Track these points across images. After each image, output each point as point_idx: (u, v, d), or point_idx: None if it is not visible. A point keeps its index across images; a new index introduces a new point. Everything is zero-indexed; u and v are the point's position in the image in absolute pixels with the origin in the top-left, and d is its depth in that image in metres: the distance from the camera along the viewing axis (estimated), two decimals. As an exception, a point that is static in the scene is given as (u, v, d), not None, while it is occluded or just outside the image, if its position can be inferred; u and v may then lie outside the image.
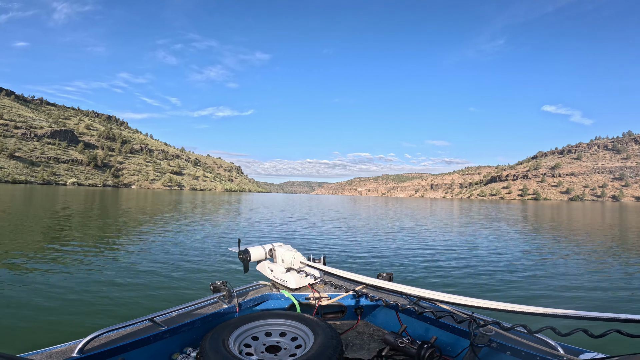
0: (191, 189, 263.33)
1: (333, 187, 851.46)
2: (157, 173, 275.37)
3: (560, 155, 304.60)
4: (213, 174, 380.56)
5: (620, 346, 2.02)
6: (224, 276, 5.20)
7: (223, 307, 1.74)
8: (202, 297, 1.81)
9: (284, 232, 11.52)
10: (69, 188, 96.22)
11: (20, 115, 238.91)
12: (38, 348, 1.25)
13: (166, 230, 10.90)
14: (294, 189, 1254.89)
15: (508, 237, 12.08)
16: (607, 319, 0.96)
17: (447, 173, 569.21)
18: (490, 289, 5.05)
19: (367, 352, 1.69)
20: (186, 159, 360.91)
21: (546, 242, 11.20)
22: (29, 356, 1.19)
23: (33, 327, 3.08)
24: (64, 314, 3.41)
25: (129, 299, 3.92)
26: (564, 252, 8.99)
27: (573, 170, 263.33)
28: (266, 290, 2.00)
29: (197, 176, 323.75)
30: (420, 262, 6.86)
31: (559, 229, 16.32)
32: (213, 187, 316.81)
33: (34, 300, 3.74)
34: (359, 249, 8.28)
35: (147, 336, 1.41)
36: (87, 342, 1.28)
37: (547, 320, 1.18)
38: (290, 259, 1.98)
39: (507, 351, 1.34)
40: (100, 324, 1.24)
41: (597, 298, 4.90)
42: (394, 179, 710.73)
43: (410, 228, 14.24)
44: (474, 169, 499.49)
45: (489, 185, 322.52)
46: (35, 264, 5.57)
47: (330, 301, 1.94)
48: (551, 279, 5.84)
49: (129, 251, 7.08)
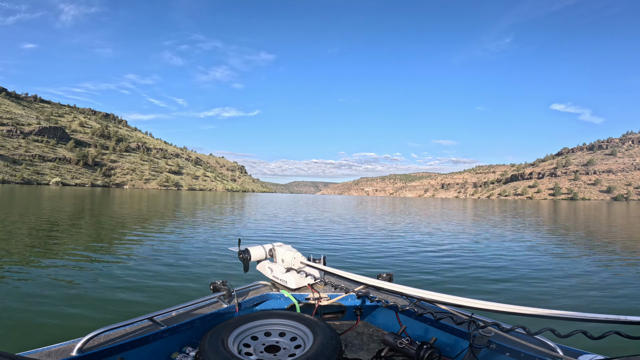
0: (189, 189, 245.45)
1: (339, 187, 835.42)
2: (153, 172, 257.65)
3: (590, 151, 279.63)
4: (215, 173, 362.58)
5: (619, 348, 2.02)
6: (224, 276, 5.17)
7: (223, 306, 1.74)
8: (202, 296, 1.79)
9: (284, 232, 11.32)
10: (52, 188, 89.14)
11: (8, 112, 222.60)
12: (37, 347, 1.25)
13: (166, 229, 10.79)
14: (300, 189, 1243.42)
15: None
16: (606, 321, 0.96)
17: (457, 172, 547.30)
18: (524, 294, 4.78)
19: (367, 352, 1.68)
20: (187, 157, 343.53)
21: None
22: (29, 355, 1.18)
23: (32, 326, 3.09)
24: (63, 313, 3.41)
25: (128, 298, 3.91)
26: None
27: (609, 167, 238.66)
28: (266, 290, 1.99)
29: (197, 175, 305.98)
30: (421, 263, 6.66)
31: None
32: (214, 187, 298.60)
33: (33, 300, 3.74)
34: (359, 249, 8.12)
35: (146, 335, 1.41)
36: (86, 341, 1.27)
37: (546, 322, 1.13)
38: (290, 259, 1.97)
39: (507, 352, 1.34)
40: (100, 323, 1.31)
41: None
42: (401, 178, 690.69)
43: (426, 232, 12.72)
44: (486, 168, 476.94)
45: (511, 184, 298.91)
46: (32, 265, 5.43)
47: (330, 301, 1.93)
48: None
49: (128, 250, 6.92)
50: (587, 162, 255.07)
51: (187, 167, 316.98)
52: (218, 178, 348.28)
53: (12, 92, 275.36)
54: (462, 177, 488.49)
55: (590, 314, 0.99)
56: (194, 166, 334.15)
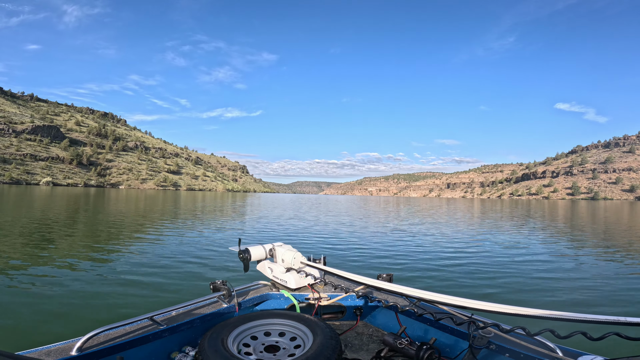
0: (188, 189, 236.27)
1: (342, 187, 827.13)
2: (150, 172, 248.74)
3: (606, 148, 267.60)
4: (215, 173, 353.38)
5: (619, 349, 2.01)
6: (224, 275, 5.18)
7: (222, 306, 1.73)
8: (202, 296, 1.79)
9: (284, 232, 11.27)
10: (42, 188, 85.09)
11: (2, 110, 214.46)
12: (37, 346, 1.25)
13: (166, 229, 10.76)
14: (303, 189, 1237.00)
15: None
16: (606, 322, 0.96)
17: (462, 172, 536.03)
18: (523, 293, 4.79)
19: (366, 352, 1.68)
20: (186, 157, 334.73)
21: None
22: (28, 354, 1.18)
23: (32, 325, 3.11)
24: (63, 312, 3.44)
25: (128, 298, 3.94)
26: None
27: (629, 165, 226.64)
28: (266, 290, 1.99)
29: (197, 175, 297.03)
30: (421, 263, 6.65)
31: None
32: (214, 187, 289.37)
33: (32, 299, 3.79)
34: (359, 249, 8.07)
35: (146, 335, 1.41)
36: (86, 340, 1.27)
37: (546, 323, 1.12)
38: (291, 259, 1.97)
39: (506, 353, 1.33)
40: (99, 323, 1.33)
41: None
42: (405, 178, 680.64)
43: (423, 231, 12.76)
44: (493, 167, 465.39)
45: (522, 184, 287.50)
46: (30, 265, 5.43)
47: (330, 301, 1.93)
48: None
49: (128, 250, 6.90)
50: (605, 160, 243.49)
51: (187, 167, 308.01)
52: (219, 178, 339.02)
53: (7, 90, 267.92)
54: (467, 176, 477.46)
55: (590, 315, 0.99)
56: (194, 166, 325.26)
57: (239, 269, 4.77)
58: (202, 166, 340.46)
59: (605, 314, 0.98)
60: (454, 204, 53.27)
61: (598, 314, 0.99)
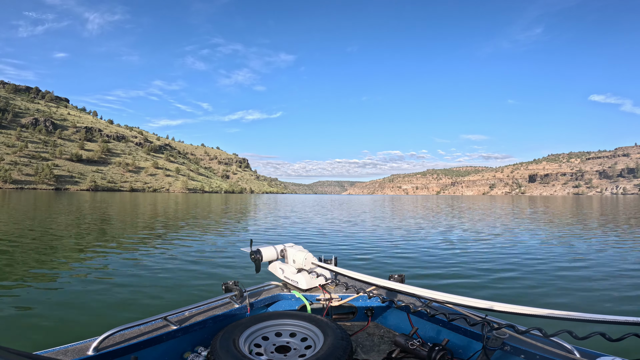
0: (108, 190, 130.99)
1: (368, 185, 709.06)
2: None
3: None
4: (196, 166, 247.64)
5: (639, 350, 1.94)
6: (236, 276, 5.22)
7: (234, 307, 1.74)
8: (214, 296, 1.80)
9: (295, 233, 11.05)
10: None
11: None
12: (55, 346, 1.27)
13: (178, 231, 10.65)
14: (324, 189, 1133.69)
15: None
16: (625, 323, 0.93)
17: (531, 161, 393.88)
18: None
19: (378, 353, 1.66)
20: (138, 142, 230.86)
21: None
22: (46, 353, 1.20)
23: (50, 325, 3.17)
24: (80, 313, 3.51)
25: (142, 299, 4.01)
26: None
27: None
28: (277, 291, 1.99)
29: (142, 167, 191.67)
30: (435, 264, 6.28)
31: None
32: (166, 186, 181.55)
33: (50, 300, 3.89)
34: (371, 250, 7.73)
35: (159, 335, 1.43)
36: (102, 340, 1.30)
37: (563, 324, 1.10)
38: (302, 259, 1.97)
39: (521, 354, 1.30)
40: (115, 323, 1.36)
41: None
42: (445, 173, 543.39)
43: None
44: (598, 153, 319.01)
45: None
46: (50, 267, 5.53)
47: (341, 302, 1.92)
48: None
49: (142, 252, 6.94)
50: None
51: (131, 155, 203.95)
52: (196, 173, 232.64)
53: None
54: (556, 166, 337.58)
55: (608, 316, 0.96)
56: (146, 154, 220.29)
57: (250, 270, 5.09)
58: (164, 155, 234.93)
59: (625, 314, 0.94)
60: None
61: (617, 314, 0.96)
